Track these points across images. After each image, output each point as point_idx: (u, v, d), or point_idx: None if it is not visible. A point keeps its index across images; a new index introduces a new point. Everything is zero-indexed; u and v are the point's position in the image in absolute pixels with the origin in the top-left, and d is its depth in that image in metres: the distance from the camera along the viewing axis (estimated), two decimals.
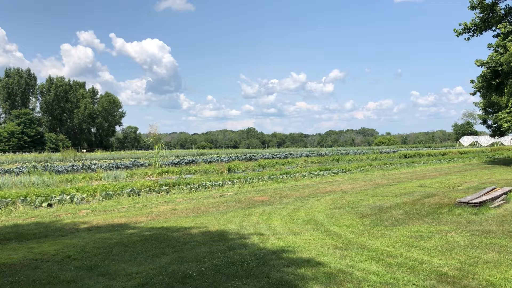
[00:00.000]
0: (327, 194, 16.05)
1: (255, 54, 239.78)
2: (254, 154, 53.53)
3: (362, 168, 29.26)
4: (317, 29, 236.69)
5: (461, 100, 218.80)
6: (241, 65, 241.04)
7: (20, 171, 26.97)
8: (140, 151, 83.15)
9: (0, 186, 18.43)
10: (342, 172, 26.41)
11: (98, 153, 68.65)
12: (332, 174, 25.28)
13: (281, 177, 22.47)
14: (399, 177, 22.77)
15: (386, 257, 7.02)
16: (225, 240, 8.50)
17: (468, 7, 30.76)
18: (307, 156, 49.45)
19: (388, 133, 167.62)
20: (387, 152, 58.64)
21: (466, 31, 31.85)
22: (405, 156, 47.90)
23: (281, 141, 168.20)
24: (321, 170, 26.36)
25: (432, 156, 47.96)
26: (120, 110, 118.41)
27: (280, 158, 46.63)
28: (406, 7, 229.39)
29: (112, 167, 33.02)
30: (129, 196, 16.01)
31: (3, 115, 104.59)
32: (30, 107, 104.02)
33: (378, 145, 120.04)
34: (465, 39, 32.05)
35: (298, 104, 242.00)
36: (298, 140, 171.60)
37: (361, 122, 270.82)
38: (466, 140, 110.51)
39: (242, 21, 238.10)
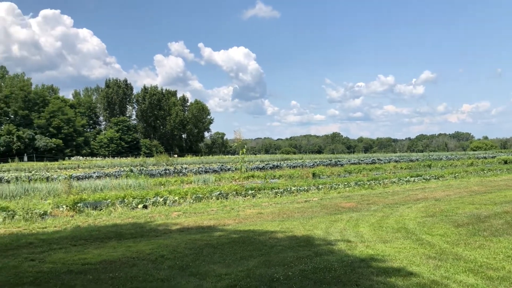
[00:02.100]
0: (419, 201, 15.32)
1: (341, 58, 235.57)
2: (340, 160, 52.65)
3: (456, 174, 27.56)
4: (405, 29, 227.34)
5: None
6: (326, 69, 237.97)
7: (118, 175, 28.98)
8: (227, 156, 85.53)
9: (102, 188, 19.94)
10: (435, 179, 25.06)
11: (188, 158, 71.78)
12: (424, 180, 24.08)
13: (368, 183, 21.84)
14: (499, 184, 21.09)
15: (485, 270, 6.53)
16: (311, 245, 8.43)
17: None
18: (396, 161, 47.66)
19: (485, 137, 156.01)
20: (485, 158, 54.69)
21: None
22: (505, 162, 44.30)
23: (368, 146, 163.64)
24: (411, 176, 25.23)
25: None
26: (209, 117, 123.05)
27: (367, 163, 45.39)
28: (506, 1, 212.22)
29: (201, 171, 34.30)
30: (217, 199, 16.50)
31: (103, 123, 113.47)
32: (127, 115, 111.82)
33: (474, 150, 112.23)
34: None
35: (386, 108, 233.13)
36: (386, 145, 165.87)
37: (454, 126, 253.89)
38: None
39: (326, 25, 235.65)
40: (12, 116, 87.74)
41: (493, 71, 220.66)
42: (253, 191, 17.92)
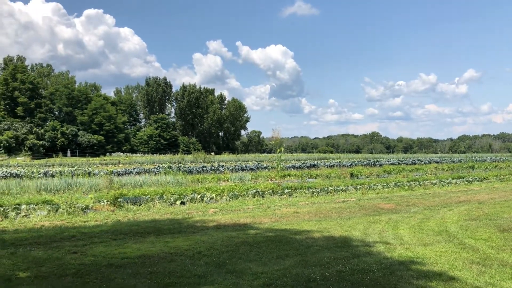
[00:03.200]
0: (461, 204, 14.83)
1: (381, 56, 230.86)
2: (378, 160, 51.71)
3: (501, 176, 26.51)
4: (448, 26, 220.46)
5: None
6: (365, 68, 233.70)
7: (157, 171, 29.55)
8: (263, 154, 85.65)
9: (141, 184, 20.38)
10: (478, 181, 24.21)
11: (225, 156, 72.28)
12: (466, 182, 23.30)
13: (408, 184, 21.34)
14: None
15: None
16: (349, 246, 8.30)
17: None
18: (437, 162, 46.38)
19: None
20: None
21: None
22: None
23: (408, 146, 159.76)
24: (453, 178, 24.47)
25: None
26: (245, 115, 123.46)
27: (407, 164, 44.39)
28: None
29: (238, 169, 34.47)
30: (254, 197, 16.54)
31: (143, 120, 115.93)
32: (166, 113, 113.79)
33: None
34: None
35: (427, 107, 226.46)
36: (426, 145, 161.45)
37: (500, 127, 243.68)
38: None
39: (366, 22, 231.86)
40: (56, 112, 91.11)
41: None
42: (289, 190, 17.86)
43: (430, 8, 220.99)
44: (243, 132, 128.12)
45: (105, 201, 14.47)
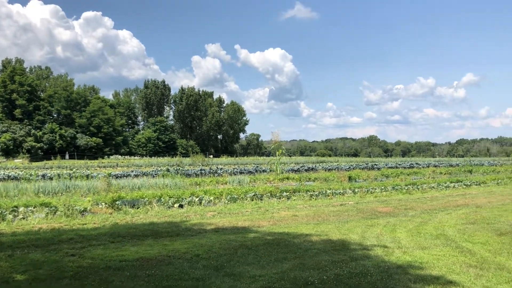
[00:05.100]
0: (459, 207, 14.85)
1: (379, 60, 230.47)
2: (376, 163, 51.79)
3: (499, 180, 26.55)
4: (447, 30, 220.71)
5: None
6: (364, 71, 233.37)
7: (155, 174, 29.53)
8: (262, 157, 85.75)
9: (139, 187, 20.35)
10: (476, 185, 24.24)
11: (224, 159, 72.39)
12: (464, 186, 23.34)
13: (406, 188, 21.36)
14: None
15: None
16: (346, 249, 8.32)
17: None
18: (435, 166, 46.47)
19: None
20: None
21: None
22: None
23: (406, 150, 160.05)
24: (451, 182, 24.50)
25: None
26: (244, 118, 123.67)
27: (405, 167, 44.50)
28: None
29: (236, 172, 34.47)
30: (252, 200, 16.53)
31: (141, 123, 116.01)
32: (165, 115, 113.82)
33: None
34: None
35: (425, 111, 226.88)
36: (424, 149, 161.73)
37: (498, 131, 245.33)
38: None
39: (365, 26, 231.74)
40: (55, 115, 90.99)
41: None
42: (288, 193, 17.86)
43: (429, 12, 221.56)
44: (242, 135, 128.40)
45: (103, 203, 14.45)
